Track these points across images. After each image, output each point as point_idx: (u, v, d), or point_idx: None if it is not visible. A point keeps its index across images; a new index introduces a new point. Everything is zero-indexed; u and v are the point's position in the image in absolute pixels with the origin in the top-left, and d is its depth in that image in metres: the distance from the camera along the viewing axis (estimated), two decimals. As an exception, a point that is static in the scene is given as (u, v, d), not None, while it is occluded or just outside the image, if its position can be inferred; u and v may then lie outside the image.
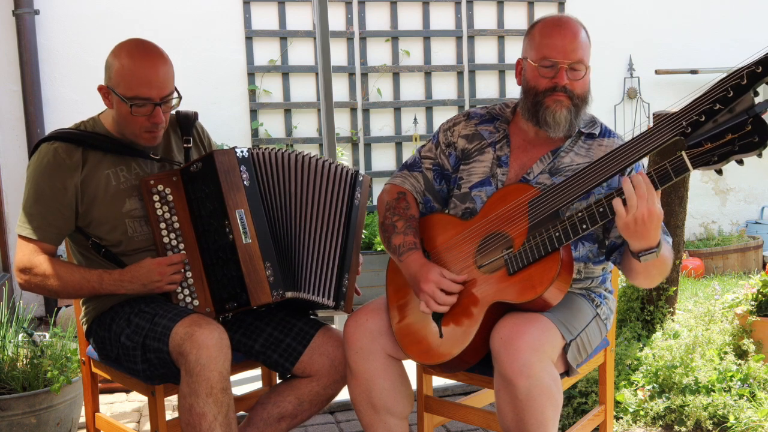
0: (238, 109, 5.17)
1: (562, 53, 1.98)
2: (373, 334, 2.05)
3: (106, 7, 4.79)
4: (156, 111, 2.08)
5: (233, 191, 2.08)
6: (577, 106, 2.01)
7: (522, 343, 1.79)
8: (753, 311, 3.26)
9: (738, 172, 6.30)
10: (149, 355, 1.98)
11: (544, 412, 1.80)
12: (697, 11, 6.00)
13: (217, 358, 1.90)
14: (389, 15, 5.43)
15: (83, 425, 2.71)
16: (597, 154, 2.06)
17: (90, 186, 2.11)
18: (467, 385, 2.99)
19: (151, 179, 2.13)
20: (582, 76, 2.00)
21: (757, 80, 1.65)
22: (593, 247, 2.06)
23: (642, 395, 2.90)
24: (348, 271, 2.22)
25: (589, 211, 1.82)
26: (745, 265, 5.65)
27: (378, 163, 5.48)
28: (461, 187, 2.15)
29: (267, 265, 2.08)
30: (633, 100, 5.92)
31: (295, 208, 2.20)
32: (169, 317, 1.97)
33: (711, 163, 1.66)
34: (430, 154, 2.22)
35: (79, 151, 2.12)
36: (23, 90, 4.65)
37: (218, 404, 1.91)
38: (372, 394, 2.06)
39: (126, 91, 2.05)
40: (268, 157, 2.19)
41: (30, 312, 3.08)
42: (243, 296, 2.04)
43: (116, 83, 2.07)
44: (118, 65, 2.07)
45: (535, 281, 1.86)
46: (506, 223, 1.96)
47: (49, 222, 2.09)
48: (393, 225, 2.11)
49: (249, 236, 2.07)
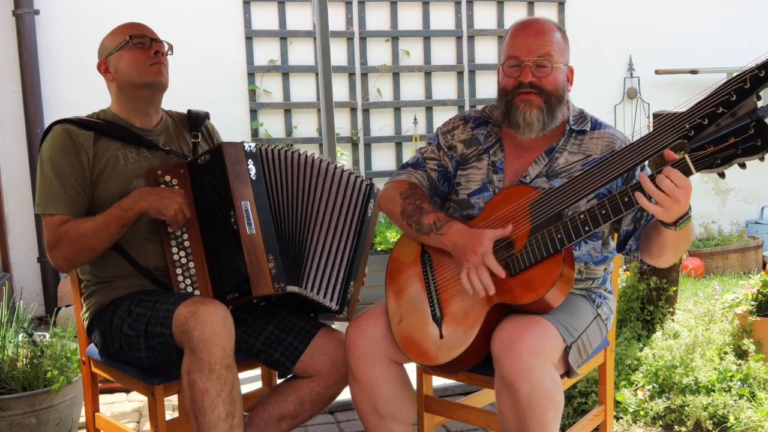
0: (238, 109, 5.17)
1: (525, 51, 1.98)
2: (375, 339, 2.04)
3: (106, 7, 4.79)
4: (153, 44, 2.23)
5: (239, 183, 2.10)
6: (550, 104, 1.99)
7: (523, 346, 1.79)
8: (753, 311, 3.27)
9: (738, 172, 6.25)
10: (152, 342, 1.99)
11: (545, 415, 1.80)
12: (697, 11, 6.00)
13: (221, 334, 1.90)
14: (389, 15, 5.43)
15: (83, 425, 2.71)
16: (590, 147, 2.05)
17: (98, 164, 2.15)
18: (467, 385, 2.98)
19: (159, 169, 2.17)
20: (549, 72, 1.98)
21: (760, 84, 1.65)
22: (597, 244, 2.06)
23: (642, 395, 2.90)
24: (355, 279, 2.24)
25: (591, 213, 1.81)
26: (745, 265, 5.65)
27: (378, 163, 5.48)
28: (459, 194, 2.15)
29: (270, 258, 2.08)
30: (633, 100, 5.92)
31: (302, 207, 2.22)
32: (171, 302, 1.99)
33: (714, 166, 1.66)
34: (434, 156, 2.20)
35: (90, 133, 2.17)
36: (23, 90, 4.66)
37: (221, 381, 1.90)
38: (376, 400, 2.05)
39: (120, 38, 2.22)
40: (276, 154, 2.22)
41: (30, 312, 3.08)
42: (245, 286, 2.05)
43: (110, 45, 2.23)
44: (107, 36, 2.26)
45: (537, 283, 1.85)
46: (507, 225, 1.96)
47: (76, 198, 2.12)
48: (419, 207, 2.07)
49: (253, 227, 2.09)
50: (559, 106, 2.01)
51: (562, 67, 2.01)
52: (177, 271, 2.13)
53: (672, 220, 1.77)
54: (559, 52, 2.00)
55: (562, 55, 2.02)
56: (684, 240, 1.87)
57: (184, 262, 2.13)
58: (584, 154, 2.05)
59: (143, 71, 2.20)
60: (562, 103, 2.03)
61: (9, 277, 4.53)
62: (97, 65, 2.26)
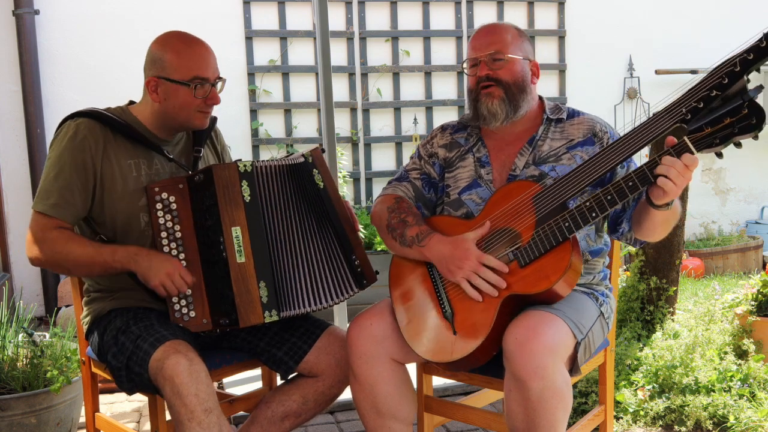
0: (238, 109, 5.17)
1: (479, 49, 2.13)
2: (377, 338, 2.04)
3: (106, 7, 4.79)
4: (213, 91, 2.15)
5: (231, 207, 2.03)
6: (511, 93, 2.09)
7: (537, 344, 1.79)
8: (753, 311, 3.27)
9: (738, 172, 6.31)
10: (133, 377, 1.96)
11: (555, 414, 1.80)
12: (696, 11, 6.00)
13: (188, 384, 1.85)
14: (389, 15, 5.43)
15: (83, 425, 2.71)
16: (572, 133, 2.12)
17: (109, 171, 2.08)
18: (467, 385, 2.99)
19: (156, 186, 2.09)
20: (504, 64, 2.08)
21: (749, 66, 1.76)
22: (590, 230, 2.10)
23: (642, 395, 2.90)
24: (352, 251, 2.18)
25: (596, 199, 1.85)
26: (745, 265, 5.66)
27: (378, 163, 5.48)
28: (450, 195, 2.17)
29: (261, 285, 2.04)
30: (633, 100, 5.92)
31: (294, 222, 2.16)
32: (150, 342, 1.93)
33: (713, 146, 1.76)
34: (416, 166, 2.26)
35: (104, 131, 2.09)
36: (23, 90, 4.66)
37: (203, 426, 1.85)
38: (377, 399, 2.05)
39: (185, 75, 2.09)
40: (272, 171, 2.14)
41: (30, 312, 3.08)
42: (233, 315, 2.01)
43: (172, 70, 2.09)
44: (171, 54, 2.09)
45: (548, 271, 1.87)
46: (512, 219, 1.97)
47: (67, 200, 2.04)
48: (403, 221, 2.11)
49: (243, 255, 2.03)
50: (521, 96, 2.11)
51: (520, 59, 2.10)
52: None
53: (665, 202, 1.85)
54: (514, 45, 2.11)
55: (519, 49, 2.11)
56: (673, 217, 1.96)
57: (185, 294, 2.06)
58: (567, 139, 2.12)
59: (192, 116, 2.13)
60: (525, 94, 2.12)
61: (9, 277, 4.53)
62: (147, 81, 2.12)
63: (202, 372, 1.89)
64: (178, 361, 1.86)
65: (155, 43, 2.13)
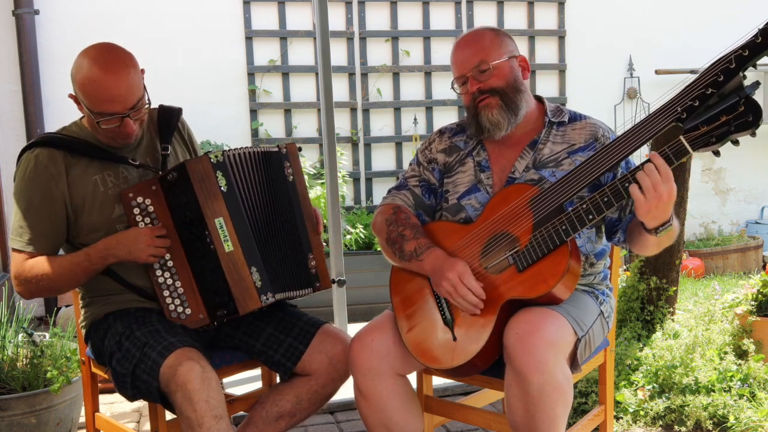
0: (238, 109, 5.17)
1: (461, 67, 2.08)
2: (380, 354, 2.03)
3: (106, 7, 4.79)
4: (125, 122, 2.02)
5: (210, 199, 2.04)
6: (508, 98, 2.05)
7: (538, 338, 1.79)
8: (753, 311, 3.27)
9: (738, 172, 6.31)
10: (139, 384, 1.96)
11: (555, 409, 1.80)
12: (696, 11, 6.00)
13: (200, 390, 1.86)
14: (389, 15, 5.43)
15: (83, 425, 2.70)
16: (573, 137, 2.09)
17: (77, 193, 2.08)
18: (467, 385, 2.99)
19: (129, 191, 2.08)
20: (491, 73, 2.04)
21: (745, 62, 1.75)
22: (591, 232, 2.08)
23: (642, 395, 2.90)
24: (311, 250, 2.21)
25: (593, 201, 1.84)
26: (745, 265, 5.66)
27: (378, 163, 5.48)
28: (449, 200, 2.16)
29: (253, 270, 2.06)
30: (633, 100, 5.92)
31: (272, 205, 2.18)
32: (158, 350, 1.94)
33: (710, 144, 1.73)
34: (414, 173, 2.24)
35: (62, 155, 2.08)
36: (23, 90, 4.66)
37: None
38: (385, 415, 2.05)
39: (92, 107, 2.00)
40: (244, 158, 2.14)
41: (30, 312, 3.08)
42: (231, 305, 2.03)
43: (82, 95, 2.01)
44: (80, 78, 1.99)
45: (546, 275, 1.87)
46: (509, 223, 1.96)
47: (42, 232, 2.06)
48: (401, 235, 2.10)
49: (231, 244, 2.04)
50: (517, 97, 2.07)
51: (505, 60, 2.06)
52: (164, 294, 2.09)
53: (653, 226, 1.81)
54: (495, 49, 2.06)
55: (501, 51, 2.07)
56: (667, 240, 1.92)
57: (170, 283, 2.09)
58: (568, 144, 2.09)
59: (108, 139, 2.09)
60: (521, 92, 2.08)
61: (9, 277, 4.53)
62: (69, 95, 2.06)
63: (214, 380, 1.91)
64: (191, 368, 1.88)
65: (78, 56, 2.03)
